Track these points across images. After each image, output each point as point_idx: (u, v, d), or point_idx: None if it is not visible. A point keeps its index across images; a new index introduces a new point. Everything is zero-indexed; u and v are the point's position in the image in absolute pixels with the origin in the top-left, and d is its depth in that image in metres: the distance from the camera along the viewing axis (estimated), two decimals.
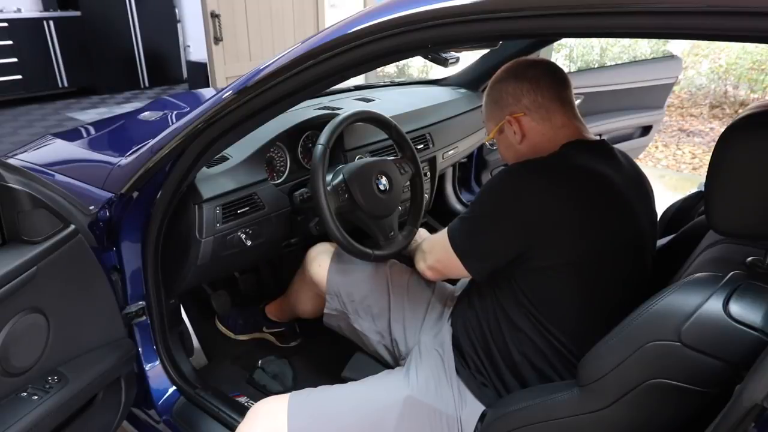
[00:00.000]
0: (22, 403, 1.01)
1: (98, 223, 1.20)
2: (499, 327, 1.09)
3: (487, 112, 1.18)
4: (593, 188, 1.00)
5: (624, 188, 1.03)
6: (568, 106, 1.10)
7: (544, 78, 1.09)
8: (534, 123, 1.09)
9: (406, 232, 1.46)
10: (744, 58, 5.53)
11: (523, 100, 1.09)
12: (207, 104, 1.06)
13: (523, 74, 1.10)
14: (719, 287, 0.74)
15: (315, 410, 1.10)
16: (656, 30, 0.64)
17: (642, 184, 1.13)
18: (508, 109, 1.11)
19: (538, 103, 1.08)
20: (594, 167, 1.02)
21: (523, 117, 1.09)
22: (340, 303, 1.37)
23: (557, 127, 1.08)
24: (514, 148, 1.13)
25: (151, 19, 6.44)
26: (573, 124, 1.09)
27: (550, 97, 1.08)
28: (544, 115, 1.08)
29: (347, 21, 0.88)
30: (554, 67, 1.11)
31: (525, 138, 1.10)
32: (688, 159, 4.77)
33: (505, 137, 1.14)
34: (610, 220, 1.00)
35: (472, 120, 2.11)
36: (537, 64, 1.11)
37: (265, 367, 1.66)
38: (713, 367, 0.72)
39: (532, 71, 1.09)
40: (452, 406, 1.09)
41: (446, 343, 1.19)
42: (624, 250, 1.02)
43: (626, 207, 1.03)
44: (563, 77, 1.11)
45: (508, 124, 1.11)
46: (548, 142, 1.08)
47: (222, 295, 1.80)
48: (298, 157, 1.58)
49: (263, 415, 1.10)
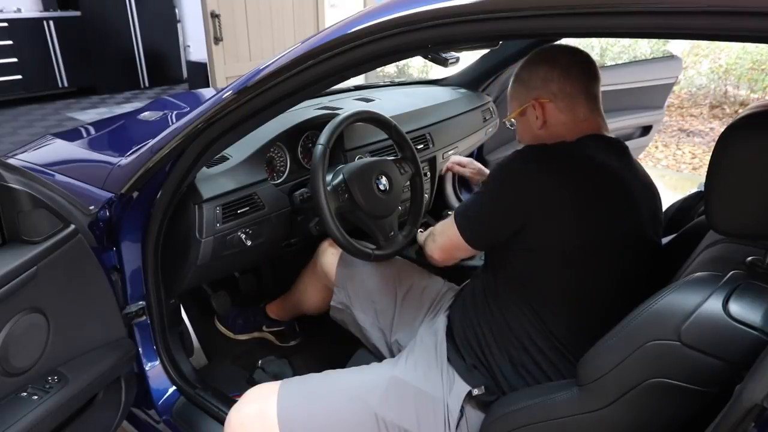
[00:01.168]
0: (22, 403, 1.01)
1: (98, 223, 1.20)
2: (494, 317, 1.10)
3: (512, 91, 1.18)
4: (598, 180, 1.01)
5: (631, 186, 1.04)
6: (593, 100, 1.10)
7: (576, 68, 1.09)
8: (557, 111, 1.09)
9: (406, 232, 1.46)
10: (744, 58, 5.53)
11: (552, 86, 1.09)
12: (207, 104, 1.06)
13: (556, 60, 1.09)
14: (719, 287, 0.74)
15: (304, 391, 1.12)
16: (656, 30, 0.64)
17: (649, 184, 1.13)
18: (534, 92, 1.11)
19: (565, 92, 1.08)
20: (603, 161, 1.03)
21: (548, 103, 1.09)
22: (346, 296, 1.39)
23: (579, 119, 1.09)
24: (533, 131, 1.14)
25: (151, 19, 6.43)
26: (595, 119, 1.10)
27: (578, 88, 1.08)
28: (569, 104, 1.08)
29: (347, 21, 0.88)
30: (589, 60, 1.11)
31: (546, 124, 1.11)
32: (688, 159, 4.77)
33: (526, 120, 1.14)
34: (610, 214, 1.01)
35: (472, 120, 2.11)
36: (572, 53, 1.11)
37: (265, 367, 1.67)
38: (713, 367, 0.72)
39: (566, 59, 1.09)
40: (440, 389, 1.09)
41: (440, 331, 1.20)
42: (623, 246, 1.02)
43: (630, 204, 1.03)
44: (595, 71, 1.11)
45: (532, 108, 1.11)
46: (567, 132, 1.09)
47: (222, 295, 1.80)
48: (298, 157, 1.58)
49: (253, 398, 1.13)
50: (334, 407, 1.09)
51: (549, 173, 1.00)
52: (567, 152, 1.05)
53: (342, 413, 1.08)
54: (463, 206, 1.15)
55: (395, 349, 1.33)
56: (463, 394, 1.07)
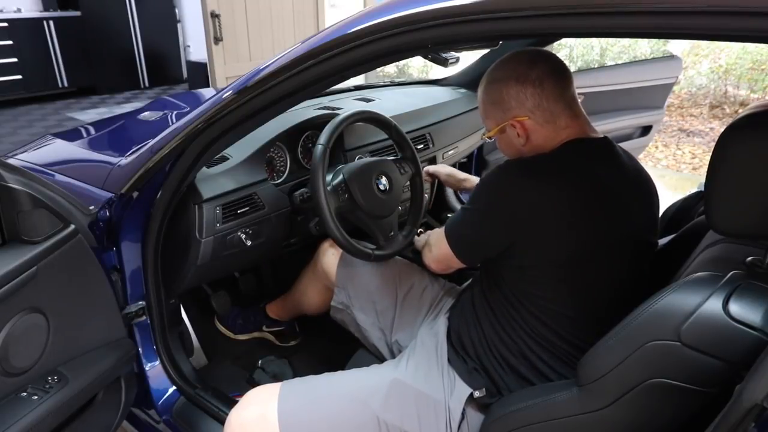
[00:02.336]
0: (22, 403, 1.01)
1: (98, 223, 1.20)
2: (492, 328, 1.10)
3: (485, 111, 1.14)
4: (584, 189, 1.00)
5: (620, 188, 1.03)
6: (571, 104, 1.07)
7: (548, 79, 1.04)
8: (538, 126, 1.06)
9: (406, 232, 1.46)
10: (744, 58, 5.52)
11: (527, 104, 1.05)
12: (207, 104, 1.06)
13: (525, 76, 1.05)
14: (719, 287, 0.74)
15: (304, 394, 1.12)
16: (656, 30, 0.64)
17: (643, 182, 1.11)
18: (511, 113, 1.07)
19: (542, 108, 1.05)
20: (588, 167, 1.02)
21: (527, 120, 1.06)
22: (346, 297, 1.39)
23: (561, 128, 1.06)
24: (515, 147, 1.11)
25: (151, 19, 6.43)
26: (577, 123, 1.07)
27: (555, 99, 1.05)
28: (549, 117, 1.05)
29: (347, 21, 0.88)
30: (555, 64, 1.07)
31: (529, 140, 1.08)
32: (688, 159, 4.77)
33: (507, 137, 1.11)
34: (600, 221, 1.00)
35: (472, 120, 2.11)
36: (538, 62, 1.05)
37: (265, 367, 1.67)
38: (713, 367, 0.72)
39: (535, 72, 1.04)
40: (441, 392, 1.09)
41: (441, 333, 1.20)
42: (617, 251, 1.02)
43: (620, 207, 1.02)
44: (565, 73, 1.07)
45: (511, 127, 1.08)
46: (551, 141, 1.07)
47: (222, 295, 1.80)
48: (298, 157, 1.58)
49: (254, 401, 1.12)
50: (336, 410, 1.09)
51: (532, 189, 0.98)
52: (548, 164, 1.03)
53: (343, 416, 1.08)
54: (453, 222, 1.14)
55: (395, 350, 1.33)
56: (464, 397, 1.07)
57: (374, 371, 1.18)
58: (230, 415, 1.12)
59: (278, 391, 1.12)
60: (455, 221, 1.14)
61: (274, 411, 1.07)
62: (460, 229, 1.12)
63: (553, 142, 1.07)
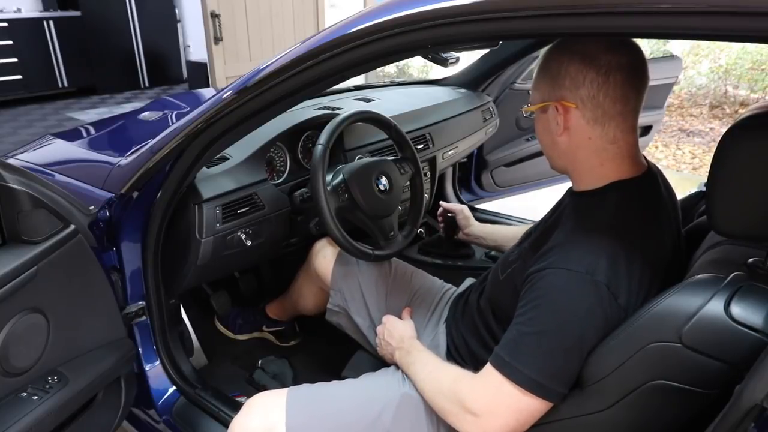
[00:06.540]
0: (22, 403, 1.01)
1: (98, 223, 1.19)
2: (490, 336, 1.09)
3: (537, 80, 0.96)
4: (645, 263, 0.87)
5: (669, 240, 0.94)
6: (631, 115, 0.90)
7: (618, 73, 0.86)
8: (583, 121, 0.89)
9: (406, 232, 1.46)
10: (744, 58, 5.52)
11: (581, 91, 0.87)
12: (207, 104, 1.06)
13: (593, 58, 0.86)
14: (720, 289, 0.74)
15: (313, 407, 1.09)
16: (656, 30, 0.64)
17: (675, 209, 1.01)
18: (560, 92, 0.90)
19: (596, 102, 0.87)
20: (645, 235, 0.90)
21: (573, 109, 0.89)
22: (342, 299, 1.38)
23: (608, 140, 0.90)
24: (551, 136, 0.95)
25: (151, 19, 6.43)
26: (626, 143, 0.92)
27: (614, 100, 0.87)
28: (599, 117, 0.88)
29: (347, 21, 0.88)
30: (636, 61, 0.88)
31: (567, 132, 0.92)
32: (688, 159, 4.77)
33: (546, 119, 0.95)
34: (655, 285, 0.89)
35: (472, 120, 2.11)
36: (617, 50, 0.86)
37: (265, 367, 1.67)
38: (714, 369, 0.72)
39: (607, 58, 0.85)
40: None
41: (441, 346, 1.20)
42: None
43: (671, 266, 0.93)
44: (642, 76, 0.89)
45: (554, 109, 0.91)
46: (591, 155, 0.92)
47: (222, 295, 1.80)
48: (298, 157, 1.58)
49: (259, 409, 1.08)
50: (346, 424, 1.07)
51: (608, 299, 0.83)
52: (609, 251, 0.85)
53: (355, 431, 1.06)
54: (527, 364, 0.85)
55: None
56: None
57: (384, 382, 1.14)
58: (233, 424, 1.08)
59: (284, 401, 1.08)
60: (528, 360, 0.86)
61: (281, 424, 1.04)
62: (542, 363, 0.86)
63: (595, 159, 0.92)
